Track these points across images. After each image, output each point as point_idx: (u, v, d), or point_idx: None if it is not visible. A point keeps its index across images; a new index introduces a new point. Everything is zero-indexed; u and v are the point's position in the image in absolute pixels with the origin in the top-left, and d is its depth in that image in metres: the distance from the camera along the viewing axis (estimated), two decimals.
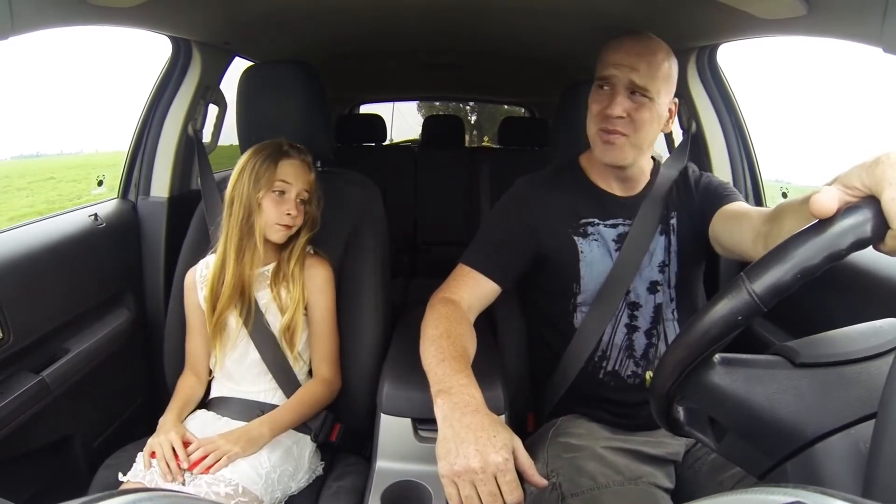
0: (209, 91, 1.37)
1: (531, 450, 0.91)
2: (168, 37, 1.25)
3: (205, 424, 0.95)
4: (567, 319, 0.95)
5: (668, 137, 1.43)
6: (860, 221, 0.37)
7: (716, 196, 0.93)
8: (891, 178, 0.36)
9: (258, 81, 1.14)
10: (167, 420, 0.93)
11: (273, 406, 0.97)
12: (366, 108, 3.33)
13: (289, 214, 0.95)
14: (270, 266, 0.99)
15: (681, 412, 0.49)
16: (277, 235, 0.96)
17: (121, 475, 0.87)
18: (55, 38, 0.87)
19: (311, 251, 1.02)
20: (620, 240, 0.93)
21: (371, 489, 0.80)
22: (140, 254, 1.32)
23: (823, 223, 0.38)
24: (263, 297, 0.98)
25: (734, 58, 1.35)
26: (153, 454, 0.86)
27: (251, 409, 0.96)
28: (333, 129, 2.33)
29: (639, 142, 0.89)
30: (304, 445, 0.95)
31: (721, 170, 1.34)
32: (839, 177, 0.40)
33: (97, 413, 1.16)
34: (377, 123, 2.63)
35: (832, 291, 0.94)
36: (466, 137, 3.02)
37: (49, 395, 0.97)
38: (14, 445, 0.92)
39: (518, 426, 0.88)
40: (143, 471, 0.85)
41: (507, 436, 0.63)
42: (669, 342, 0.93)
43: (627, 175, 0.95)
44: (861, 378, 0.42)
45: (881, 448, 0.34)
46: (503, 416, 0.82)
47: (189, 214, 1.17)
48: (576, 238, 0.93)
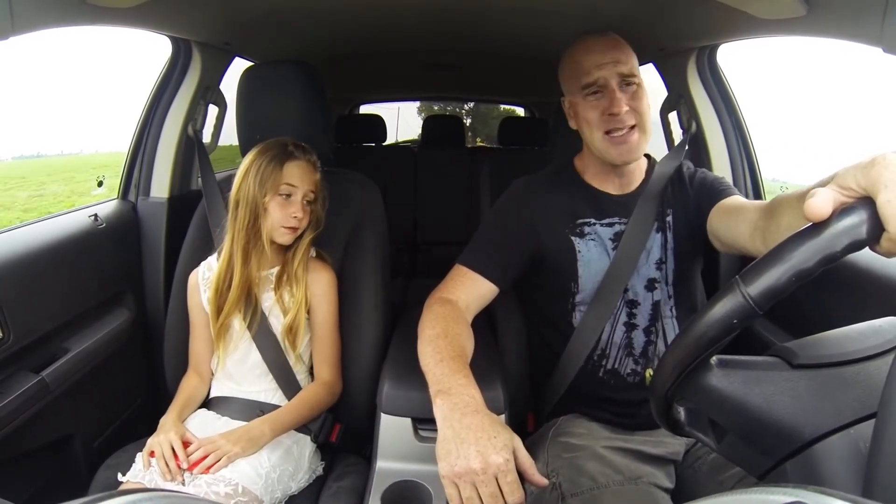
0: (209, 91, 1.37)
1: (531, 450, 0.91)
2: (168, 37, 1.25)
3: (205, 424, 0.95)
4: (566, 319, 0.95)
5: (669, 138, 1.43)
6: (855, 223, 0.37)
7: (712, 191, 0.93)
8: (886, 180, 0.36)
9: (258, 82, 1.14)
10: (167, 420, 0.93)
11: (273, 406, 0.97)
12: (366, 109, 3.33)
13: (295, 217, 0.95)
14: (275, 269, 0.99)
15: (681, 412, 0.49)
16: (284, 238, 0.96)
17: (120, 475, 0.87)
18: (55, 39, 0.87)
19: (314, 254, 1.02)
20: (617, 238, 0.93)
21: (371, 489, 0.80)
22: (140, 254, 1.32)
23: (818, 226, 0.38)
24: (267, 300, 0.98)
25: (734, 58, 1.35)
26: (152, 454, 0.86)
27: (251, 409, 0.96)
28: (333, 130, 2.33)
29: (645, 125, 0.90)
30: (304, 445, 0.95)
31: (721, 170, 1.34)
32: (835, 177, 0.39)
33: (97, 413, 1.16)
34: (377, 123, 2.63)
35: (832, 291, 0.94)
36: None
37: (49, 395, 0.97)
38: (14, 445, 0.92)
39: (518, 426, 0.88)
40: (143, 471, 0.85)
41: (508, 436, 0.63)
42: (668, 340, 0.93)
43: (626, 170, 0.96)
44: (859, 378, 0.42)
45: (881, 448, 0.34)
46: (503, 416, 0.82)
47: (189, 215, 1.17)
48: (573, 238, 0.93)
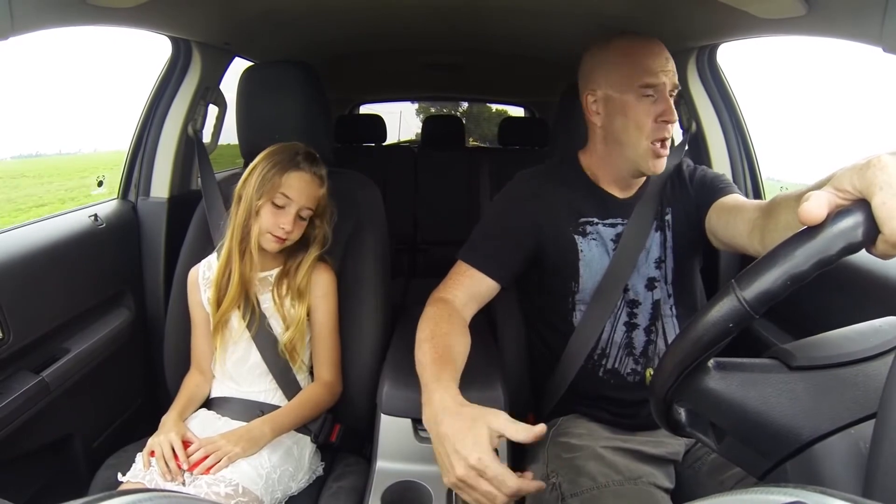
0: (209, 91, 1.37)
1: (531, 449, 0.91)
2: (168, 37, 1.25)
3: (205, 424, 0.95)
4: (566, 318, 0.95)
5: None
6: (850, 227, 0.36)
7: (711, 189, 0.93)
8: (881, 182, 0.36)
9: (258, 82, 1.13)
10: (168, 419, 0.93)
11: (273, 406, 0.97)
12: (366, 109, 3.33)
13: (282, 228, 0.93)
14: (274, 271, 0.99)
15: (682, 413, 0.49)
16: (269, 245, 0.95)
17: (120, 475, 0.87)
18: (54, 38, 0.87)
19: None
20: (618, 239, 0.93)
21: (371, 489, 0.80)
22: (140, 254, 1.32)
23: (813, 229, 0.38)
24: (266, 302, 0.98)
25: (734, 58, 1.35)
26: (152, 453, 0.86)
27: (251, 409, 0.96)
28: (333, 130, 2.33)
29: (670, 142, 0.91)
30: (305, 446, 0.95)
31: (721, 169, 1.34)
32: (831, 179, 0.39)
33: (97, 413, 1.16)
34: (377, 123, 2.63)
35: (832, 291, 0.94)
36: None
37: (49, 395, 0.97)
38: (14, 445, 0.92)
39: None
40: (143, 471, 0.85)
41: (479, 429, 0.63)
42: (668, 339, 0.93)
43: (632, 178, 0.95)
44: (858, 379, 0.42)
45: (881, 448, 0.34)
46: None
47: (189, 215, 1.17)
48: (575, 237, 0.93)
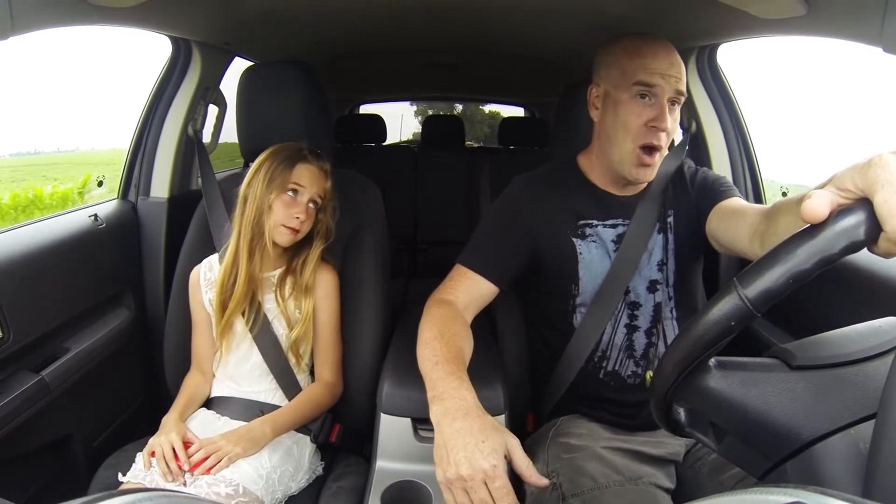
0: (209, 91, 1.37)
1: (531, 450, 0.91)
2: (168, 37, 1.25)
3: (205, 424, 0.95)
4: (566, 320, 0.95)
5: None
6: (853, 225, 0.37)
7: (712, 192, 0.93)
8: (883, 180, 0.36)
9: (258, 82, 1.14)
10: (169, 419, 0.93)
11: (273, 406, 0.97)
12: (366, 109, 3.33)
13: (297, 217, 0.94)
14: (278, 271, 0.99)
15: (682, 413, 0.49)
16: (283, 238, 0.95)
17: (120, 475, 0.87)
18: (54, 38, 0.87)
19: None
20: (619, 240, 0.93)
21: (371, 489, 0.80)
22: (140, 254, 1.32)
23: (815, 227, 0.38)
24: (269, 302, 0.98)
25: (734, 58, 1.35)
26: (153, 454, 0.86)
27: (251, 409, 0.96)
28: (333, 130, 2.33)
29: (665, 152, 0.89)
30: (305, 446, 0.95)
31: (721, 169, 1.34)
32: (833, 179, 0.40)
33: (97, 413, 1.16)
34: (377, 123, 2.63)
35: (833, 291, 0.94)
36: None
37: (49, 395, 0.97)
38: (14, 445, 0.92)
39: (518, 426, 0.88)
40: (143, 471, 0.85)
41: (498, 439, 0.63)
42: (669, 341, 0.93)
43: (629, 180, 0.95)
44: (858, 379, 0.42)
45: (881, 448, 0.34)
46: (503, 416, 0.82)
47: (189, 214, 1.17)
48: (574, 240, 0.93)
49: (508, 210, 0.97)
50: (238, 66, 1.39)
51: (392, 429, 0.83)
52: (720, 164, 1.35)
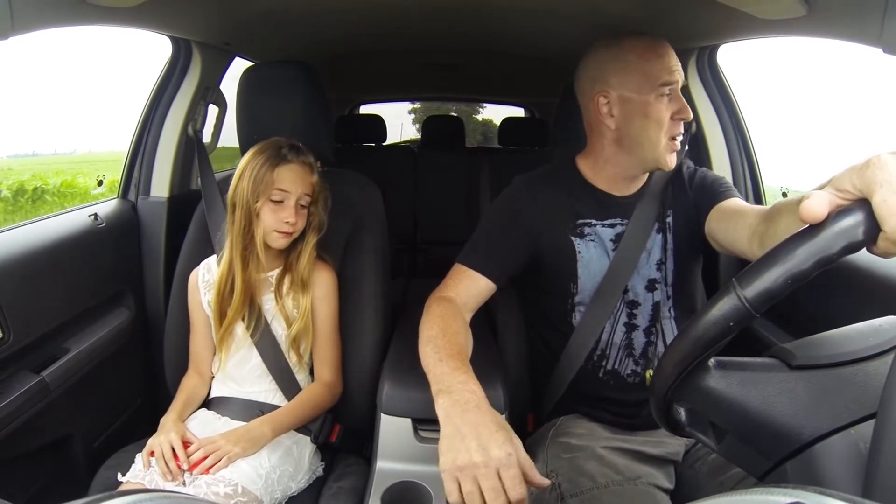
0: (209, 91, 1.37)
1: (531, 450, 0.91)
2: (168, 37, 1.25)
3: (205, 424, 0.95)
4: (565, 319, 0.95)
5: None
6: (851, 225, 0.37)
7: (711, 192, 0.93)
8: (881, 180, 0.36)
9: (258, 82, 1.13)
10: (168, 420, 0.93)
11: (273, 406, 0.97)
12: (366, 109, 3.33)
13: (287, 222, 0.93)
14: (276, 272, 0.99)
15: (682, 413, 0.49)
16: (278, 242, 0.95)
17: (120, 475, 0.87)
18: (53, 40, 0.87)
19: (316, 255, 1.01)
20: (618, 239, 0.93)
21: (371, 490, 0.80)
22: (140, 254, 1.32)
23: (814, 228, 0.38)
24: (268, 303, 0.98)
25: (734, 58, 1.35)
26: (152, 453, 0.86)
27: (251, 410, 0.96)
28: (333, 130, 2.33)
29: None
30: (304, 446, 0.95)
31: (721, 170, 1.34)
32: (831, 180, 0.40)
33: (97, 413, 1.16)
34: (377, 123, 2.63)
35: (833, 291, 0.94)
36: None
37: (49, 395, 0.97)
38: (14, 445, 0.92)
39: (518, 426, 0.88)
40: (143, 471, 0.85)
41: (508, 433, 0.63)
42: (668, 340, 0.93)
43: (635, 176, 0.95)
44: (858, 379, 0.42)
45: (881, 448, 0.34)
46: (503, 416, 0.82)
47: (189, 214, 1.17)
48: (573, 239, 0.93)
49: (508, 209, 0.98)
50: (238, 67, 1.39)
51: (392, 429, 0.83)
52: (720, 165, 1.35)
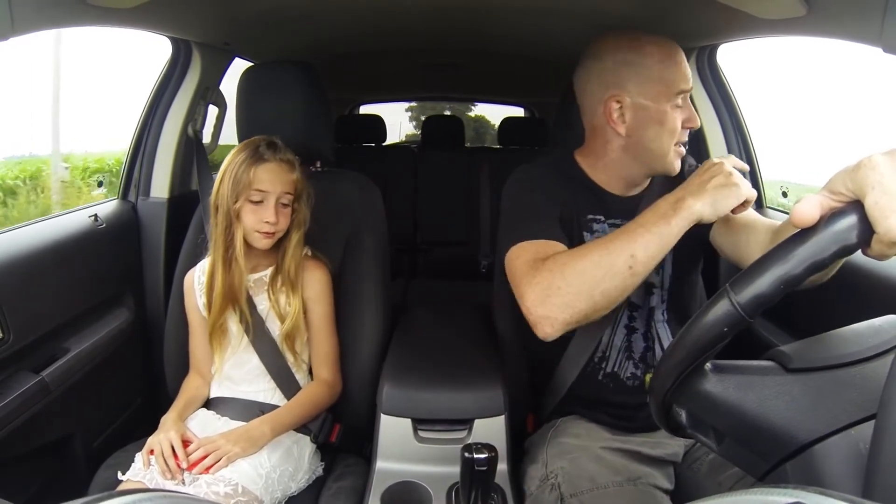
0: (209, 91, 1.37)
1: (530, 451, 0.91)
2: (168, 37, 1.26)
3: (205, 424, 0.95)
4: None
5: None
6: (844, 228, 0.36)
7: None
8: (873, 182, 0.36)
9: (258, 82, 1.13)
10: (168, 418, 0.93)
11: (273, 406, 0.97)
12: (366, 109, 3.33)
13: (267, 222, 0.92)
14: (268, 271, 0.99)
15: (682, 414, 0.49)
16: (260, 243, 0.94)
17: (120, 474, 0.87)
18: (50, 38, 0.87)
19: (309, 253, 1.01)
20: None
21: (371, 489, 0.80)
22: (140, 254, 1.32)
23: (806, 232, 0.38)
24: (262, 303, 0.98)
25: (734, 58, 1.35)
26: (152, 452, 0.86)
27: (251, 409, 0.96)
28: (333, 130, 2.33)
29: None
30: (304, 446, 0.95)
31: None
32: (827, 183, 0.39)
33: (97, 413, 1.16)
34: (377, 124, 2.63)
35: (833, 291, 0.94)
36: None
37: (49, 395, 0.97)
38: (14, 445, 0.92)
39: (518, 427, 0.88)
40: (143, 470, 0.85)
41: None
42: (663, 344, 0.93)
43: (638, 179, 0.94)
44: (856, 381, 0.42)
45: (881, 449, 0.34)
46: (503, 417, 0.83)
47: (189, 215, 1.17)
48: (584, 233, 0.92)
49: (541, 187, 0.91)
50: (238, 67, 1.39)
51: (392, 429, 0.83)
52: None
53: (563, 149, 1.02)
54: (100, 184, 1.54)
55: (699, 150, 1.36)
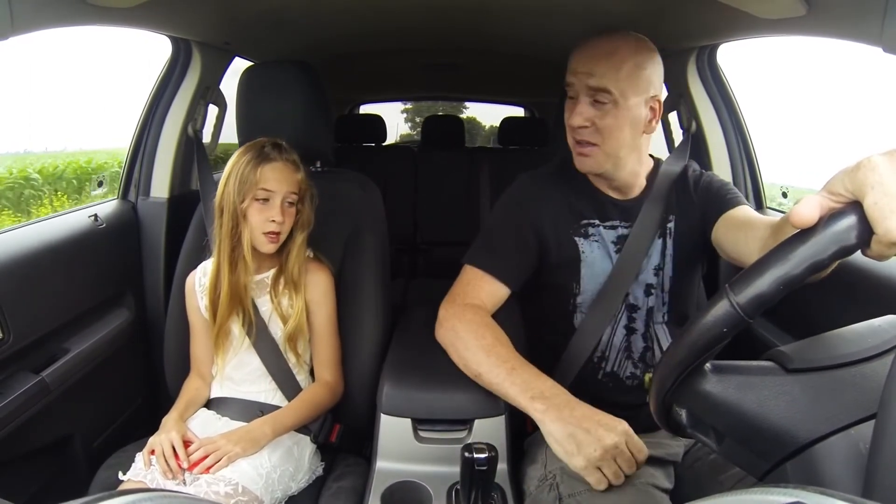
0: (209, 91, 1.37)
1: (529, 451, 0.91)
2: (168, 37, 1.26)
3: (205, 424, 0.95)
4: (567, 320, 0.95)
5: (669, 137, 1.43)
6: (843, 229, 0.36)
7: (718, 199, 0.92)
8: (872, 182, 0.36)
9: (258, 82, 1.13)
10: (169, 419, 0.93)
11: (273, 407, 0.97)
12: (366, 109, 3.33)
13: (273, 221, 0.92)
14: (271, 272, 0.99)
15: (682, 414, 0.49)
16: (266, 247, 0.94)
17: (121, 474, 0.87)
18: (48, 38, 0.87)
19: (311, 255, 1.01)
20: (619, 241, 0.93)
21: (371, 489, 0.80)
22: (140, 254, 1.32)
23: (806, 232, 0.37)
24: (265, 304, 0.98)
25: (734, 58, 1.35)
26: (153, 452, 0.86)
27: (251, 410, 0.96)
28: (333, 130, 2.33)
29: (611, 150, 0.87)
30: (305, 446, 0.95)
31: (721, 170, 1.34)
32: (826, 184, 0.39)
33: (97, 413, 1.16)
34: (377, 123, 2.63)
35: (834, 291, 0.94)
36: None
37: (49, 395, 0.97)
38: (14, 445, 0.92)
39: (518, 426, 0.88)
40: (143, 470, 0.85)
41: (603, 412, 0.72)
42: (662, 345, 0.93)
43: (617, 184, 0.94)
44: (855, 381, 0.42)
45: (881, 448, 0.34)
46: (503, 417, 0.82)
47: (189, 215, 1.17)
48: (577, 239, 0.93)
49: (514, 208, 0.96)
50: (238, 67, 1.39)
51: (392, 429, 0.83)
52: (720, 165, 1.35)
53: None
54: (100, 183, 1.53)
55: (699, 151, 1.36)
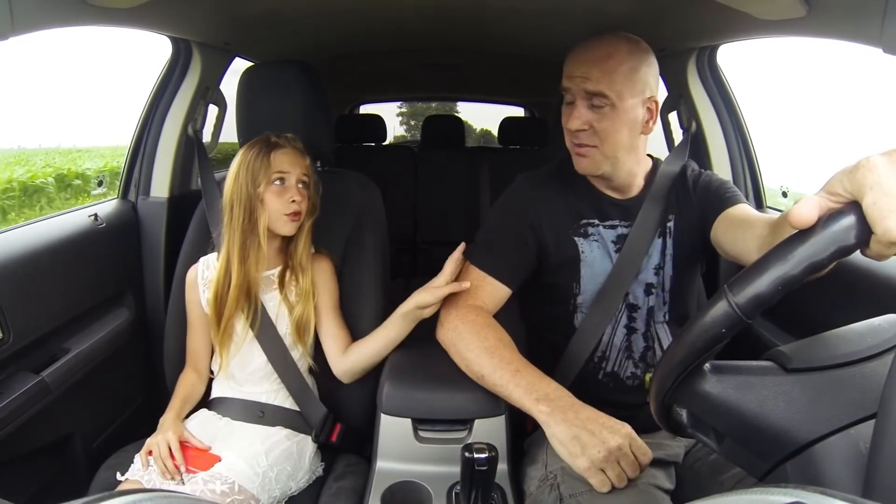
0: (209, 91, 1.37)
1: (530, 451, 0.91)
2: (168, 37, 1.26)
3: (205, 424, 0.95)
4: (567, 319, 0.95)
5: (669, 137, 1.43)
6: (842, 229, 0.36)
7: (717, 198, 0.92)
8: (871, 182, 0.36)
9: (258, 82, 1.13)
10: (166, 419, 0.93)
11: (276, 407, 0.97)
12: (366, 109, 3.33)
13: (293, 201, 0.94)
14: (277, 269, 0.99)
15: (683, 415, 0.49)
16: (286, 227, 0.95)
17: (119, 474, 0.88)
18: (47, 37, 0.86)
19: (313, 250, 1.02)
20: (619, 241, 0.93)
21: (371, 489, 0.80)
22: (140, 254, 1.32)
23: (805, 233, 0.38)
24: (271, 300, 0.98)
25: (734, 58, 1.35)
26: (150, 453, 0.86)
27: (252, 410, 0.96)
28: (333, 129, 2.33)
29: (609, 151, 0.88)
30: (305, 446, 0.95)
31: (721, 170, 1.34)
32: (825, 184, 0.39)
33: (97, 413, 1.16)
34: (377, 123, 2.63)
35: (834, 291, 0.94)
36: None
37: (49, 395, 0.97)
38: (14, 445, 0.92)
39: (518, 427, 0.88)
40: (142, 470, 0.86)
41: (606, 414, 0.72)
42: (663, 345, 0.93)
43: (616, 184, 0.94)
44: (855, 380, 0.42)
45: (881, 448, 0.34)
46: (503, 417, 0.83)
47: (189, 214, 1.17)
48: (576, 239, 0.93)
49: (513, 208, 0.97)
50: (238, 67, 1.39)
51: (392, 429, 0.83)
52: (720, 165, 1.35)
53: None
54: (100, 183, 1.53)
55: (699, 151, 1.36)
